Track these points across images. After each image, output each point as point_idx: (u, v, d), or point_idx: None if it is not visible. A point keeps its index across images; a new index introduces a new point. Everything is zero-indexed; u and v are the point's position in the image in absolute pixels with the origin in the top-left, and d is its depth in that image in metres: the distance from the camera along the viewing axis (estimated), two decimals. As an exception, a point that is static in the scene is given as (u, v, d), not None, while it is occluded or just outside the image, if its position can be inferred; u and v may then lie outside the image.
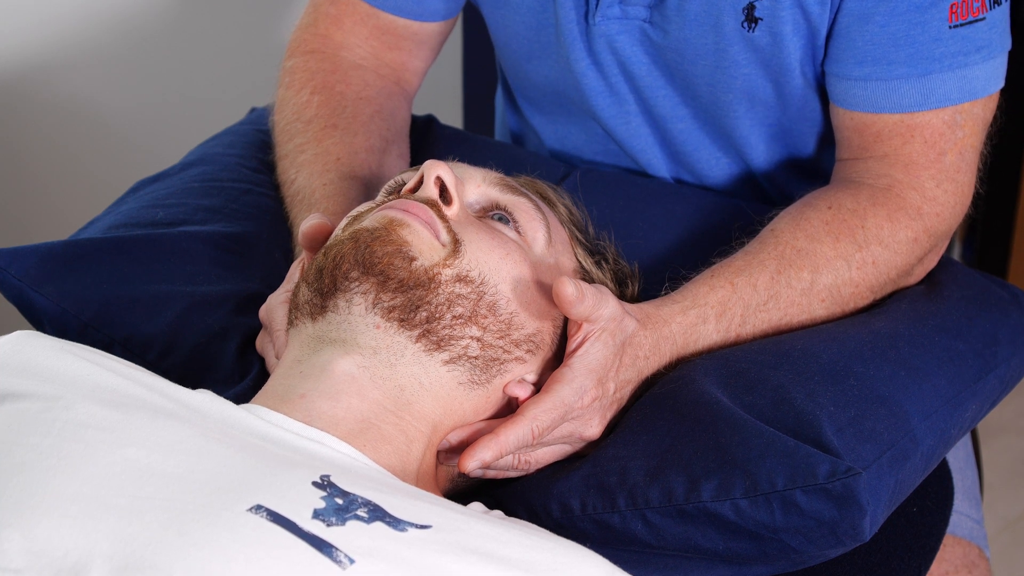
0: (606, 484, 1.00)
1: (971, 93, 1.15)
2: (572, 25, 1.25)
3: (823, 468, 0.96)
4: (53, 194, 2.11)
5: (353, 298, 0.97)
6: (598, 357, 1.01)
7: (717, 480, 0.97)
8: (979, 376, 1.14)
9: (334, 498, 0.83)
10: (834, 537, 0.98)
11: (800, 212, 1.17)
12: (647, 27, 1.23)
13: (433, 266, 0.98)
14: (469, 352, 0.99)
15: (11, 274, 1.18)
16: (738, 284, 1.11)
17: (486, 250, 1.00)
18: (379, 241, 0.97)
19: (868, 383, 1.05)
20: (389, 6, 1.33)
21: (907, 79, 1.14)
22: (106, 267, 1.18)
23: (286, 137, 1.31)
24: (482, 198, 1.06)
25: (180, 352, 1.13)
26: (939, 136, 1.15)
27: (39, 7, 1.97)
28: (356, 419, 0.95)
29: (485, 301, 0.99)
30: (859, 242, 1.14)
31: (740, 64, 1.21)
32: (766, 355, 1.07)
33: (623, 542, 1.01)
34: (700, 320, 1.09)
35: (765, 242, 1.15)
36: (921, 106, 1.15)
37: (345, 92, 1.32)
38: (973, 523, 1.28)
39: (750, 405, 1.02)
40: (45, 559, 0.79)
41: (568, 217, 1.14)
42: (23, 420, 0.88)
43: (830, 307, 1.14)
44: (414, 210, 0.99)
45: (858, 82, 1.16)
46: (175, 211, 1.26)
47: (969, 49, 1.13)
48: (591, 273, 1.10)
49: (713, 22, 1.19)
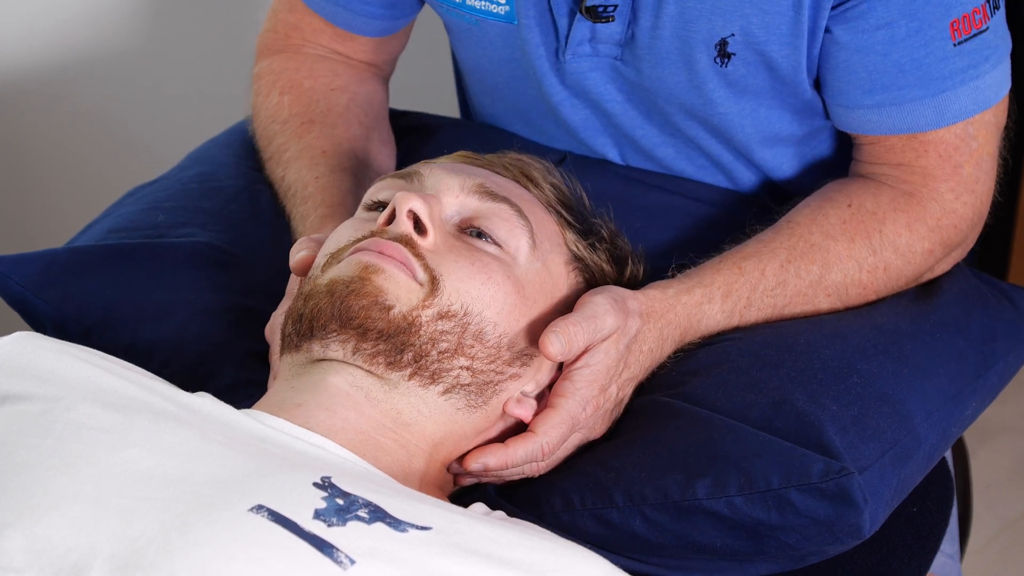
0: (603, 480, 1.01)
1: (984, 103, 1.14)
2: (543, 61, 1.22)
3: (817, 467, 0.96)
4: (53, 194, 2.11)
5: (330, 344, 0.96)
6: (600, 369, 1.01)
7: (712, 477, 0.98)
8: (979, 373, 1.14)
9: (335, 499, 0.83)
10: (831, 535, 0.98)
11: (819, 206, 1.16)
12: (619, 65, 1.20)
13: (412, 310, 0.96)
14: (461, 381, 0.98)
15: (14, 280, 1.18)
16: (746, 268, 1.10)
17: (466, 279, 0.98)
18: (354, 295, 0.95)
19: (871, 381, 1.05)
20: (339, 21, 1.33)
21: (920, 100, 1.12)
22: (109, 274, 1.18)
23: (266, 141, 1.31)
24: (461, 209, 1.03)
25: (182, 361, 1.13)
26: (953, 150, 1.14)
27: (40, 8, 1.97)
28: (354, 430, 0.96)
29: (470, 331, 0.98)
30: (874, 246, 1.14)
31: (716, 102, 1.19)
32: (768, 349, 1.07)
33: (624, 540, 1.01)
34: (706, 299, 1.08)
35: (780, 231, 1.14)
36: (937, 124, 1.13)
37: (314, 86, 1.32)
38: (945, 557, 1.27)
39: (751, 404, 1.02)
40: (46, 558, 0.79)
41: (556, 198, 1.10)
42: (24, 421, 0.88)
43: (834, 303, 1.14)
44: (388, 251, 0.97)
45: (871, 109, 1.14)
46: (175, 214, 1.26)
47: (978, 60, 1.12)
48: (585, 258, 1.08)
49: (685, 59, 1.16)
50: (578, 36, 1.18)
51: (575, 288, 1.06)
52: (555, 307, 1.04)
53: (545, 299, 1.03)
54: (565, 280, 1.05)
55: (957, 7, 1.10)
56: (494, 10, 1.22)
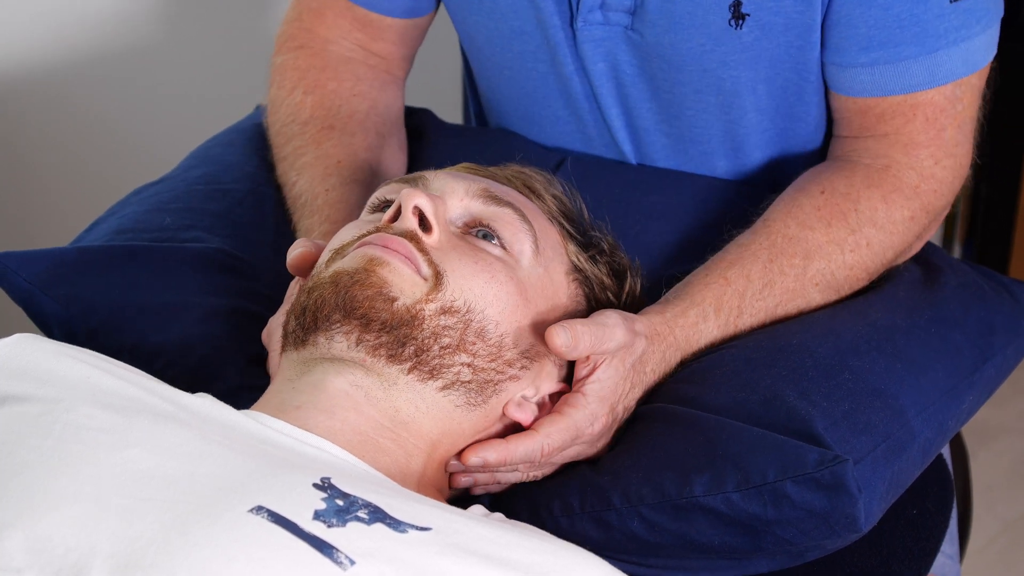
0: (600, 483, 1.01)
1: (973, 65, 1.15)
2: (557, 30, 1.23)
3: (812, 457, 0.97)
4: (53, 194, 2.11)
5: (334, 336, 0.96)
6: (609, 385, 1.02)
7: (709, 474, 0.98)
8: (976, 367, 1.14)
9: (335, 499, 0.83)
10: (828, 527, 0.98)
11: (792, 199, 1.16)
12: (630, 34, 1.21)
13: (415, 303, 0.97)
14: (461, 378, 0.98)
15: (22, 277, 1.18)
16: (731, 277, 1.11)
17: (469, 276, 0.99)
18: (358, 285, 0.96)
19: (863, 377, 1.06)
20: (364, 1, 1.33)
21: (915, 58, 1.14)
22: (116, 275, 1.18)
23: (283, 139, 1.31)
24: (465, 213, 1.03)
25: (186, 364, 1.13)
26: (940, 112, 1.16)
27: (40, 8, 1.97)
28: (353, 431, 0.96)
29: (472, 328, 0.98)
30: (852, 226, 1.14)
31: (728, 64, 1.19)
32: (761, 352, 1.08)
33: (624, 542, 1.01)
34: (700, 318, 1.09)
35: (757, 232, 1.15)
36: (928, 84, 1.15)
37: (338, 90, 1.32)
38: (945, 558, 1.28)
39: (742, 403, 1.03)
40: (46, 558, 0.79)
41: (558, 209, 1.10)
42: (24, 422, 0.88)
43: (825, 291, 1.14)
44: (393, 245, 0.98)
45: (865, 68, 1.16)
46: (181, 216, 1.26)
47: (970, 21, 1.13)
48: (585, 270, 1.08)
49: (699, 23, 1.17)
50: (589, 3, 1.19)
51: (574, 299, 1.07)
52: (557, 314, 1.04)
53: (546, 304, 1.03)
54: (565, 290, 1.06)
55: None
56: None
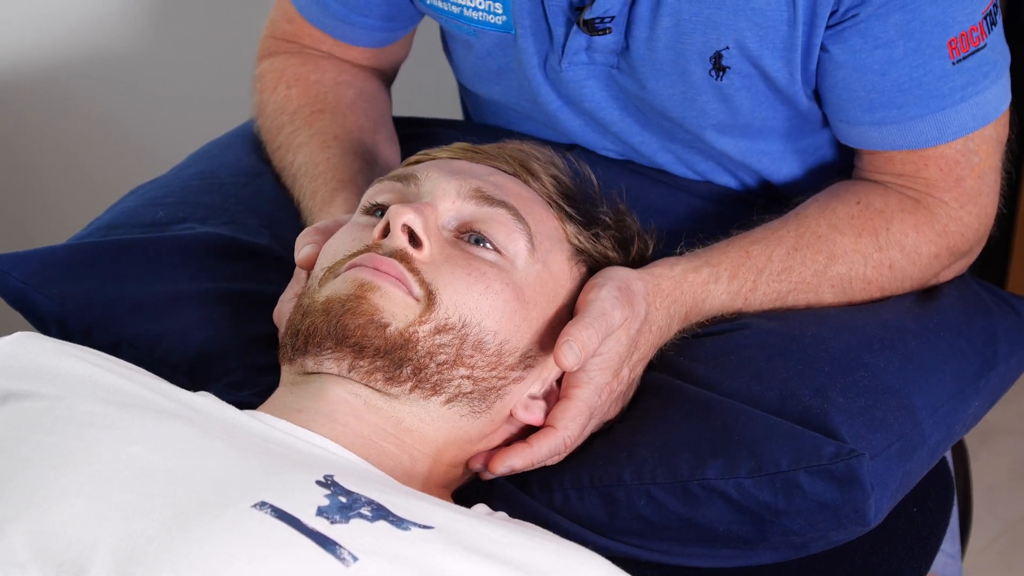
0: (614, 459, 1.01)
1: (984, 118, 1.13)
2: (536, 71, 1.21)
3: (828, 450, 0.97)
4: (53, 194, 2.11)
5: (324, 363, 0.96)
6: (611, 355, 1.02)
7: (723, 459, 0.98)
8: (981, 373, 1.14)
9: (338, 496, 0.83)
10: (836, 520, 0.98)
11: (826, 202, 1.16)
12: (615, 73, 1.20)
13: (408, 326, 0.96)
14: (463, 390, 0.98)
15: (14, 277, 1.17)
16: (753, 252, 1.11)
17: (463, 290, 0.98)
18: (350, 314, 0.95)
19: (878, 375, 1.06)
20: (337, 34, 1.32)
21: (921, 118, 1.12)
22: (108, 269, 1.18)
23: (275, 131, 1.30)
24: (457, 215, 1.02)
25: (186, 351, 1.13)
26: (954, 164, 1.14)
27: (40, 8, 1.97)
28: (356, 435, 0.96)
29: (469, 342, 0.98)
30: (880, 243, 1.14)
31: (711, 113, 1.18)
32: (775, 339, 1.08)
33: (628, 521, 1.01)
34: (712, 279, 1.09)
35: (788, 221, 1.14)
36: (938, 140, 1.13)
37: (321, 80, 1.31)
38: (946, 557, 1.27)
39: (758, 396, 1.03)
40: (48, 553, 0.79)
41: (556, 190, 1.09)
42: (26, 419, 0.88)
43: (838, 296, 1.14)
44: (383, 268, 0.97)
45: (871, 126, 1.14)
46: (175, 209, 1.26)
47: (977, 77, 1.11)
48: (588, 250, 1.07)
49: (680, 71, 1.15)
50: (575, 46, 1.18)
51: (580, 280, 1.06)
52: (559, 306, 1.03)
53: (547, 300, 1.03)
54: (568, 276, 1.05)
55: (955, 26, 1.09)
56: (492, 20, 1.21)
